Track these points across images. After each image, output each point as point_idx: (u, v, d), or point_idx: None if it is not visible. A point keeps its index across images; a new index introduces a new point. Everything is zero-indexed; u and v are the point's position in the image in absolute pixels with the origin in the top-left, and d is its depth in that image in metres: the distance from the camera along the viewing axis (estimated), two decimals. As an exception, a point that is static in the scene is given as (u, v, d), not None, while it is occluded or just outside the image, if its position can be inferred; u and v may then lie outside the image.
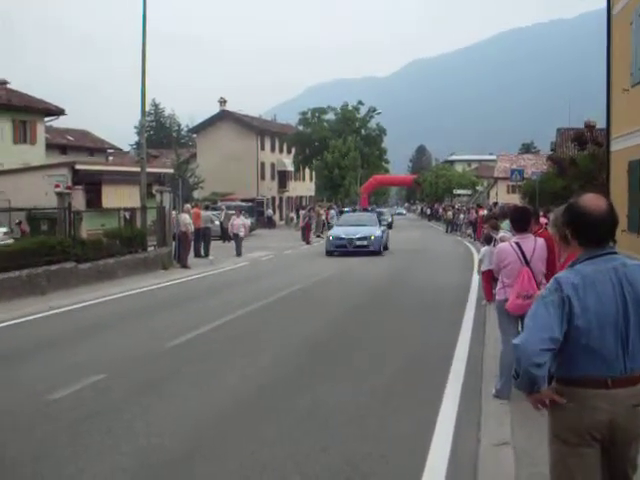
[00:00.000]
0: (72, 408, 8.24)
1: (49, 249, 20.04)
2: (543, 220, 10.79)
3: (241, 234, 32.55)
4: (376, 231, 33.03)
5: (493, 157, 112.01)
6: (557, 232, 5.61)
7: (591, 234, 3.94)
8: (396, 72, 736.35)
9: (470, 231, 46.90)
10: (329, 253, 32.18)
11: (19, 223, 28.16)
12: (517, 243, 8.44)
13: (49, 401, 8.50)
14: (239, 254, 31.47)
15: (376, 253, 31.58)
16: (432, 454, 6.60)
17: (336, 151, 71.51)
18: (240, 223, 33.08)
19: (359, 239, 32.02)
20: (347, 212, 43.51)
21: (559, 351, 3.79)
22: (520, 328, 8.53)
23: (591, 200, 3.97)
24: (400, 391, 8.98)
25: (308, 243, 41.30)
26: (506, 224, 12.08)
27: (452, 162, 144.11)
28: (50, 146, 58.05)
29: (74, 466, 6.43)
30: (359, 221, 34.97)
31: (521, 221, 8.66)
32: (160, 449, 6.83)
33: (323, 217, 52.02)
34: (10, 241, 23.31)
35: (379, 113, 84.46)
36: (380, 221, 36.36)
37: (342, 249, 31.97)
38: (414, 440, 7.01)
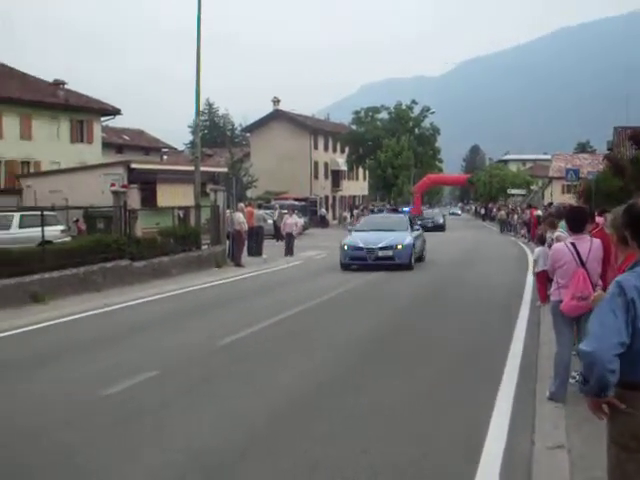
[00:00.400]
0: (124, 404, 8.33)
1: (105, 247, 20.30)
2: (599, 220, 10.61)
3: (294, 233, 32.35)
4: (405, 238, 25.22)
5: (548, 157, 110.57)
6: (615, 233, 5.51)
7: None
8: (449, 71, 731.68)
9: (524, 231, 46.42)
10: (344, 267, 24.87)
11: (76, 221, 28.56)
12: (573, 243, 8.32)
13: (102, 396, 8.60)
14: (291, 253, 31.22)
15: (404, 267, 24.29)
16: (485, 456, 6.53)
17: (389, 150, 71.32)
18: (292, 222, 32.92)
19: (382, 249, 24.53)
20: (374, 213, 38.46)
21: (621, 355, 3.73)
22: (575, 330, 8.43)
23: None
24: (453, 392, 8.91)
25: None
26: (563, 225, 11.92)
27: (506, 161, 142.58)
28: (106, 145, 58.83)
29: (124, 460, 6.50)
30: (385, 225, 27.53)
31: (577, 221, 8.54)
32: (211, 446, 6.85)
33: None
34: (67, 239, 23.68)
35: (433, 112, 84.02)
36: (412, 224, 28.28)
37: (360, 262, 24.71)
38: (467, 441, 6.95)
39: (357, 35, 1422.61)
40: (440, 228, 57.97)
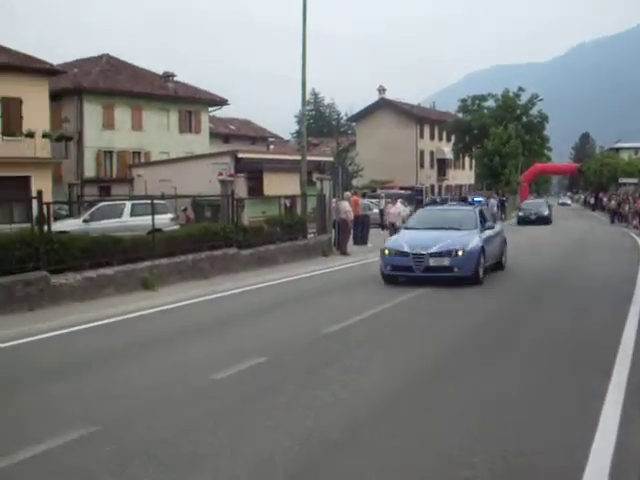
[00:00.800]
0: (233, 389, 8.40)
1: (213, 235, 20.59)
2: None
3: (397, 223, 30.53)
4: (470, 241, 17.97)
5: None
6: None
7: None
8: (558, 57, 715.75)
9: (636, 222, 45.07)
10: (388, 280, 18.19)
11: (185, 210, 29.10)
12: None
13: (211, 381, 8.69)
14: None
15: (466, 280, 17.34)
16: (593, 456, 6.28)
17: (496, 139, 70.25)
18: (395, 212, 31.89)
19: (434, 255, 17.47)
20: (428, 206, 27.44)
21: None
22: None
23: None
24: (559, 385, 8.64)
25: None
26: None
27: (618, 150, 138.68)
28: (213, 135, 59.81)
29: (233, 443, 6.53)
30: (444, 221, 19.77)
31: None
32: (319, 433, 6.82)
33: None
34: (176, 227, 24.12)
35: (541, 100, 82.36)
36: (484, 220, 20.31)
37: (405, 273, 17.95)
38: (575, 440, 6.69)
39: (462, 23, 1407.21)
40: (544, 221, 51.72)
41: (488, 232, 19.75)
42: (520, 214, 52.71)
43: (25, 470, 5.96)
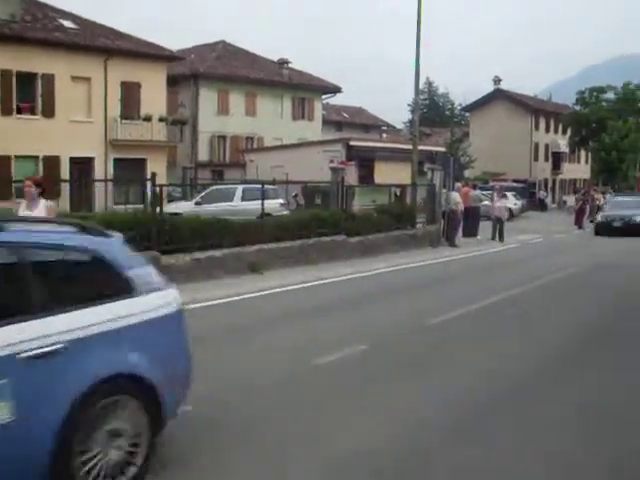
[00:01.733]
0: (335, 374, 8.43)
1: (321, 222, 20.64)
2: None
3: (504, 218, 30.07)
4: None
5: None
6: None
7: None
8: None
9: None
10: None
11: (295, 196, 29.31)
12: None
13: (313, 366, 8.73)
14: (501, 239, 28.98)
15: None
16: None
17: (615, 133, 68.22)
18: (502, 206, 30.71)
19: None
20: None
21: None
22: None
23: None
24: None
25: (580, 228, 39.68)
26: None
27: None
28: (326, 122, 60.11)
29: (329, 428, 6.57)
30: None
31: None
32: (422, 423, 6.79)
33: (598, 202, 49.89)
34: (286, 212, 24.30)
35: (664, 92, 79.55)
36: None
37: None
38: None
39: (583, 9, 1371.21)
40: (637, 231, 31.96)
41: None
42: (600, 219, 34.63)
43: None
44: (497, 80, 79.92)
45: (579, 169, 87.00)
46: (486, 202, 39.27)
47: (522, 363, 9.28)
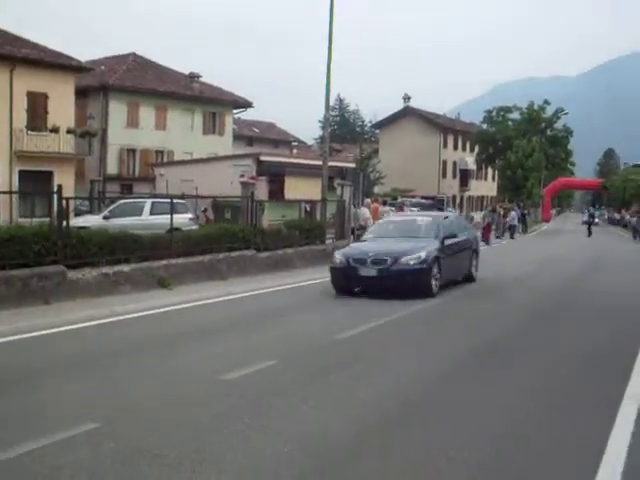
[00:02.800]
0: (244, 389, 8.37)
1: (231, 236, 20.59)
2: None
3: None
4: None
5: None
6: None
7: None
8: (588, 72, 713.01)
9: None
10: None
11: (205, 210, 29.18)
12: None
13: (223, 381, 8.68)
14: None
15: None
16: (607, 457, 6.26)
17: (520, 151, 70.02)
18: None
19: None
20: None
21: None
22: None
23: None
24: (578, 391, 8.58)
25: (488, 244, 40.48)
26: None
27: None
28: (237, 137, 60.06)
29: (239, 444, 6.51)
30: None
31: None
32: (324, 437, 6.81)
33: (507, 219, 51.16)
34: (195, 227, 24.16)
35: (566, 114, 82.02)
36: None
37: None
38: (588, 443, 6.66)
39: (492, 35, 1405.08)
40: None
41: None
42: (338, 260, 17.58)
43: (22, 464, 5.97)
44: (407, 98, 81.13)
45: (486, 186, 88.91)
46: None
47: (425, 376, 9.43)
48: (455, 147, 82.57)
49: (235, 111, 57.79)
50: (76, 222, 21.80)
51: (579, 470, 6.11)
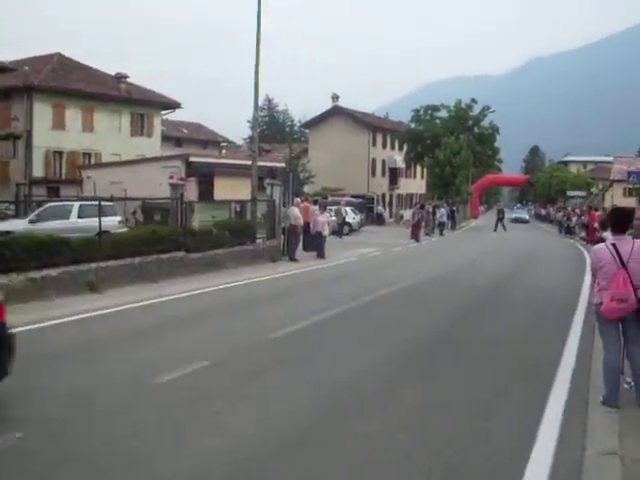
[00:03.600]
0: (176, 392, 8.38)
1: (161, 238, 20.48)
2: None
3: (325, 233, 28.56)
4: None
5: (610, 159, 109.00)
6: None
7: None
8: (514, 69, 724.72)
9: (584, 234, 45.86)
10: None
11: (134, 212, 28.86)
12: (613, 244, 8.13)
13: (154, 384, 8.66)
14: (322, 256, 27.69)
15: None
16: (533, 462, 6.40)
17: (448, 149, 70.77)
18: (324, 220, 29.08)
19: None
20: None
21: None
22: (620, 334, 8.19)
23: None
24: (503, 394, 8.77)
25: (417, 241, 40.94)
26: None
27: (566, 163, 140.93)
28: (165, 138, 59.55)
29: (169, 447, 6.55)
30: None
31: (618, 222, 8.36)
32: (259, 437, 6.87)
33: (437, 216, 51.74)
34: (124, 230, 23.92)
35: (493, 111, 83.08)
36: None
37: None
38: (515, 447, 6.81)
39: (421, 37, 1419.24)
40: None
41: None
42: None
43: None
44: (335, 97, 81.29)
45: (415, 184, 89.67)
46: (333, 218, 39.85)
47: (361, 373, 9.53)
48: (384, 146, 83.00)
49: (163, 112, 57.27)
50: (0, 227, 21.41)
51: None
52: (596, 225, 20.55)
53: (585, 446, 6.73)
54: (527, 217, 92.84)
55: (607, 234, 12.47)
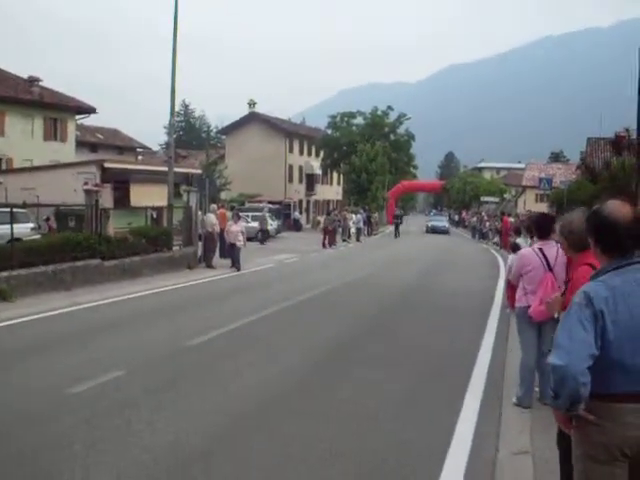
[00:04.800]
0: (92, 402, 8.28)
1: (75, 245, 20.15)
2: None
3: (239, 244, 26.55)
4: None
5: (522, 165, 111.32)
6: (566, 239, 5.54)
7: (616, 242, 3.84)
8: (429, 77, 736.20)
9: (497, 239, 46.78)
10: None
11: (47, 219, 28.34)
12: (540, 249, 8.40)
13: (69, 395, 8.56)
14: (237, 267, 26.18)
15: None
16: (449, 462, 6.54)
17: (364, 155, 71.34)
18: (238, 230, 26.88)
19: None
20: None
21: (590, 366, 3.64)
22: (538, 336, 8.44)
23: (616, 207, 3.88)
24: (419, 397, 8.92)
25: (325, 247, 40.67)
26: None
27: (480, 169, 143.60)
28: (80, 144, 58.53)
29: (91, 459, 6.48)
30: None
31: (543, 227, 8.63)
32: (177, 445, 6.86)
33: (350, 222, 51.83)
34: (37, 237, 23.45)
35: (409, 119, 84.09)
36: None
37: None
38: (431, 447, 6.95)
39: (338, 41, 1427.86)
40: None
41: None
42: None
43: None
44: (252, 103, 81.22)
45: (332, 190, 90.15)
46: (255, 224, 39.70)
47: (275, 380, 9.57)
48: (301, 152, 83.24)
49: (78, 117, 56.31)
50: None
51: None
52: (511, 232, 21.01)
53: (499, 446, 6.91)
54: (446, 226, 75.28)
55: (520, 240, 12.77)
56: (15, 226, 19.53)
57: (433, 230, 70.31)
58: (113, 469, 6.24)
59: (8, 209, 21.03)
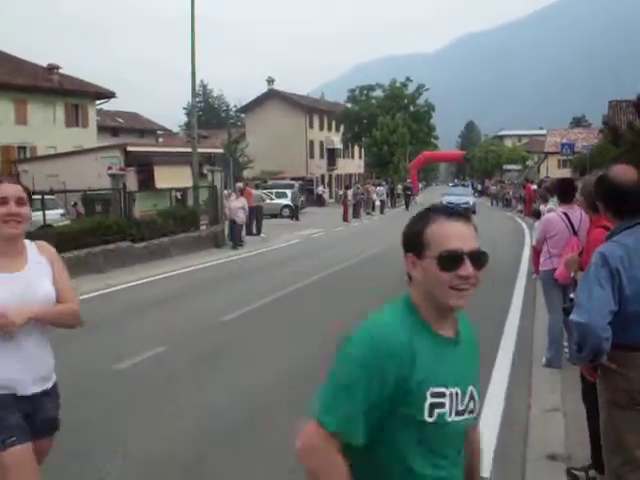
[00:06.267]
0: (136, 378, 8.59)
1: (105, 229, 20.50)
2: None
3: (238, 220, 26.25)
4: None
5: (543, 132, 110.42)
6: (585, 200, 5.79)
7: (624, 204, 4.07)
8: (446, 47, 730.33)
9: (521, 207, 46.68)
10: None
11: (74, 205, 28.71)
12: (565, 213, 8.53)
13: (115, 371, 8.86)
14: (238, 244, 26.08)
15: None
16: (482, 420, 6.74)
17: (384, 128, 71.23)
18: (238, 206, 26.53)
19: None
20: None
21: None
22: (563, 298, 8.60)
23: (621, 171, 4.12)
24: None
25: (346, 221, 40.82)
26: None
27: (501, 137, 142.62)
28: (101, 129, 58.87)
29: (137, 429, 6.78)
30: None
31: (566, 192, 8.75)
32: (217, 416, 7.12)
33: (373, 195, 51.91)
34: (67, 222, 23.81)
35: (427, 89, 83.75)
36: None
37: None
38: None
39: (354, 17, 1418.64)
40: None
41: None
42: None
43: None
44: (270, 80, 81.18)
45: (353, 164, 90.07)
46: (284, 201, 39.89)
47: (311, 350, 9.80)
48: (321, 127, 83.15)
49: (98, 102, 56.66)
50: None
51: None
52: (537, 198, 21.07)
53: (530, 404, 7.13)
54: (470, 202, 52.26)
55: (543, 207, 12.92)
56: (46, 213, 19.86)
57: (450, 203, 47.47)
58: (156, 438, 6.55)
59: (39, 196, 21.39)
